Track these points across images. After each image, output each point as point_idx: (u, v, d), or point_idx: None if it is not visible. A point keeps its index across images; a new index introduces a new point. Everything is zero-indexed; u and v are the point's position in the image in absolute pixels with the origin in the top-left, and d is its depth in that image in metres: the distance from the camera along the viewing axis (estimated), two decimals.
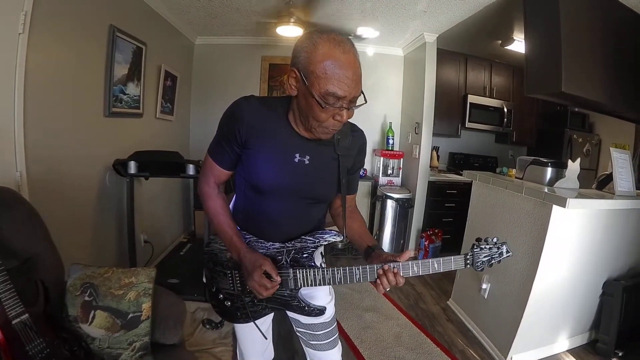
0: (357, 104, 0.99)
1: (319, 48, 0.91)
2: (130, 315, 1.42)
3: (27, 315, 1.17)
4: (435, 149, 4.52)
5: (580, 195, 2.01)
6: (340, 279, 1.06)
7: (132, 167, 2.59)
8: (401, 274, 1.01)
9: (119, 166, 2.58)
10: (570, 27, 2.07)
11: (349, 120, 1.14)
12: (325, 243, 1.15)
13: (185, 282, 2.83)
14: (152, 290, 1.49)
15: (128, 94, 2.74)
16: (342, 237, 1.17)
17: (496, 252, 1.04)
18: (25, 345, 1.16)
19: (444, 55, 4.05)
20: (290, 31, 3.20)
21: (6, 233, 1.29)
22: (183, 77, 3.96)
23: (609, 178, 2.37)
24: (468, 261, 1.03)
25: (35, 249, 1.40)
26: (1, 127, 1.66)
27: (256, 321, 1.24)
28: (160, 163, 2.69)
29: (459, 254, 1.03)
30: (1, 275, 1.14)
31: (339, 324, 2.50)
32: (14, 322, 1.14)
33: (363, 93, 0.98)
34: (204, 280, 1.30)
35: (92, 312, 1.39)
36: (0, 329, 1.13)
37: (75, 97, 2.19)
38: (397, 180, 4.30)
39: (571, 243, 2.12)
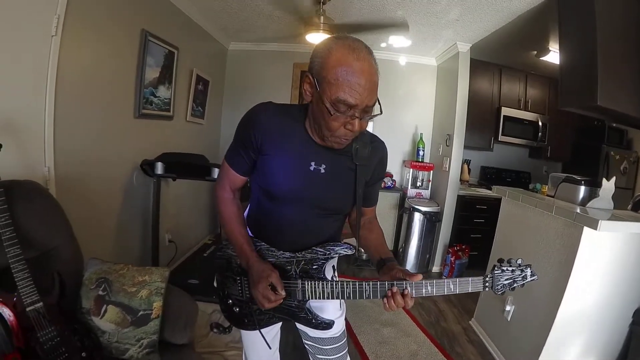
0: (372, 114, 0.95)
1: (332, 54, 0.89)
2: (141, 312, 1.44)
3: (41, 304, 1.22)
4: (466, 162, 4.39)
5: (614, 217, 1.87)
6: (349, 294, 1.03)
7: (160, 167, 2.67)
8: (414, 294, 0.96)
9: (147, 166, 2.65)
10: (607, 36, 1.94)
11: (369, 131, 1.11)
12: (336, 256, 1.12)
13: (205, 283, 2.85)
14: (165, 290, 1.50)
15: (159, 96, 2.83)
16: (355, 250, 1.12)
17: (519, 275, 0.98)
18: (37, 332, 1.20)
19: (477, 66, 3.93)
20: (320, 38, 3.21)
21: (27, 224, 1.34)
22: (215, 82, 4.05)
23: None
24: (487, 284, 0.97)
25: (55, 241, 1.45)
26: (31, 124, 1.74)
27: (262, 330, 1.22)
28: (185, 165, 2.75)
29: (485, 271, 0.98)
30: (20, 264, 1.19)
31: (354, 337, 2.45)
32: (28, 309, 1.19)
33: (379, 102, 0.94)
34: (215, 284, 1.30)
35: (105, 306, 1.42)
36: (15, 314, 1.18)
37: (105, 98, 2.27)
38: (426, 193, 4.18)
39: (601, 267, 1.96)
